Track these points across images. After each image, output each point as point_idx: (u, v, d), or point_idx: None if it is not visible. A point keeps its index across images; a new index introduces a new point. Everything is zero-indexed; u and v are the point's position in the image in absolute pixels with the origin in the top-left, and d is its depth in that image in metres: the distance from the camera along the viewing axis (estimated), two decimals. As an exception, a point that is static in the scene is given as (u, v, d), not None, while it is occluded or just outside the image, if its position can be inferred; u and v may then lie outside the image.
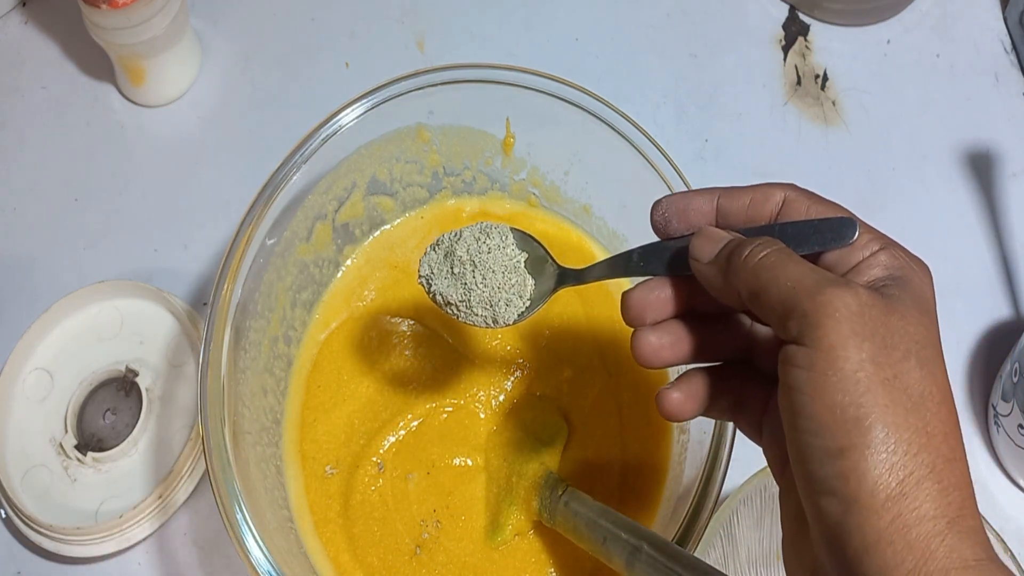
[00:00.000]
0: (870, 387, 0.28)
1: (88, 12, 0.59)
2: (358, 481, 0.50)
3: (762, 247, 0.31)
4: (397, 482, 0.50)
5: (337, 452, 0.51)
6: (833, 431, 0.28)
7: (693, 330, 0.35)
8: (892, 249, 0.32)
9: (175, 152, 0.65)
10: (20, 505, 0.51)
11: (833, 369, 0.28)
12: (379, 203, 0.55)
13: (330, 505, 0.50)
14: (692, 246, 0.34)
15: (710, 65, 0.68)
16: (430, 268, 0.40)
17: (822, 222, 0.33)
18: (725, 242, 0.33)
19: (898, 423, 0.28)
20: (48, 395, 0.56)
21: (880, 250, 0.32)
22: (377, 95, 0.50)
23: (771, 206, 0.34)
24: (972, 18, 0.69)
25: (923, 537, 0.27)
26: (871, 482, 0.27)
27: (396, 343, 0.53)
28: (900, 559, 0.27)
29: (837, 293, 0.29)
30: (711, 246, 0.33)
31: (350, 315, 0.54)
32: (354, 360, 0.53)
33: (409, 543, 0.49)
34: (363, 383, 0.53)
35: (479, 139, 0.54)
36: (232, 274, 0.46)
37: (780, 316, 0.30)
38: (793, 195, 0.34)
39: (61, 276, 0.61)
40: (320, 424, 0.52)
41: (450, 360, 0.53)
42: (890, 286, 0.31)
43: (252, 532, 0.41)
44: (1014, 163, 0.64)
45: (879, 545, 0.27)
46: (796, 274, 0.30)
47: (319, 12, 0.70)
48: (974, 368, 0.58)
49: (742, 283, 0.31)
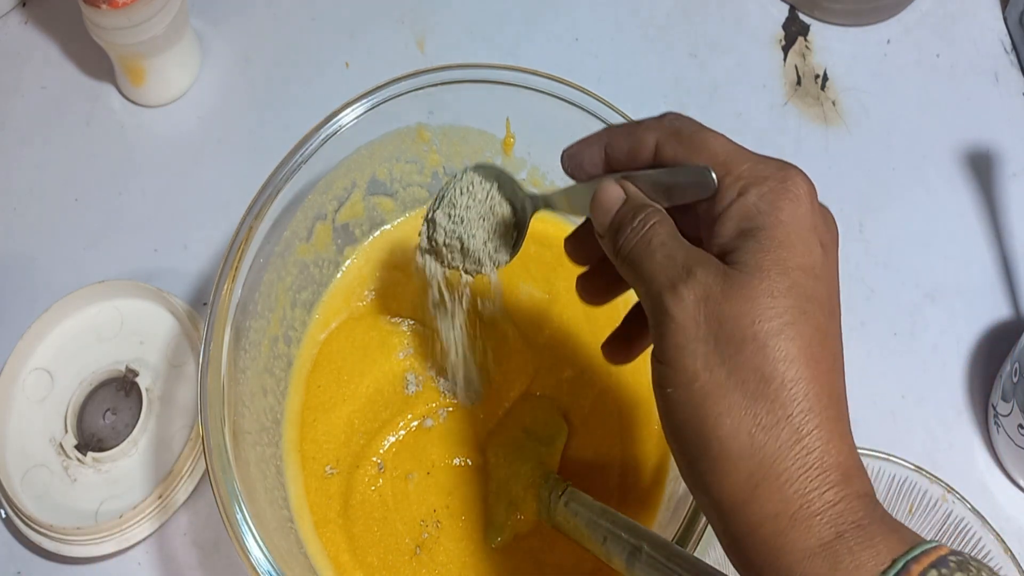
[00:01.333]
0: (705, 398, 0.28)
1: (88, 12, 0.59)
2: (358, 481, 0.50)
3: (641, 225, 0.31)
4: (397, 482, 0.50)
5: (337, 452, 0.51)
6: (686, 450, 0.29)
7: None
8: (754, 185, 0.30)
9: (175, 152, 0.65)
10: (20, 505, 0.51)
11: (675, 386, 0.29)
12: (379, 203, 0.55)
13: (330, 505, 0.50)
14: (591, 213, 0.33)
15: (710, 65, 0.68)
16: (429, 241, 0.44)
17: (681, 171, 0.31)
18: (613, 214, 0.33)
19: (734, 429, 0.28)
20: (48, 395, 0.56)
21: (739, 195, 0.30)
22: (377, 95, 0.50)
23: (647, 153, 0.33)
24: (972, 18, 0.69)
25: (768, 538, 0.28)
26: (721, 493, 0.28)
27: (396, 343, 0.53)
28: (755, 560, 0.28)
29: (674, 299, 0.29)
30: (603, 216, 0.33)
31: (350, 315, 0.54)
32: (354, 360, 0.53)
33: (409, 543, 0.49)
34: (363, 383, 0.52)
35: (479, 139, 0.54)
36: (232, 274, 0.46)
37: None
38: (663, 138, 0.33)
39: (61, 276, 0.61)
40: (320, 424, 0.51)
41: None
42: (739, 251, 0.29)
43: (252, 532, 0.41)
44: (1014, 163, 0.64)
45: (741, 543, 0.28)
46: (653, 269, 0.30)
47: (319, 12, 0.70)
48: (974, 368, 0.58)
49: (625, 275, 0.32)
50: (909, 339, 0.59)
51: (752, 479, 0.28)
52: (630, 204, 0.32)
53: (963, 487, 0.48)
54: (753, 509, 0.28)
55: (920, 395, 0.57)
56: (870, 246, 0.61)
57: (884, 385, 0.57)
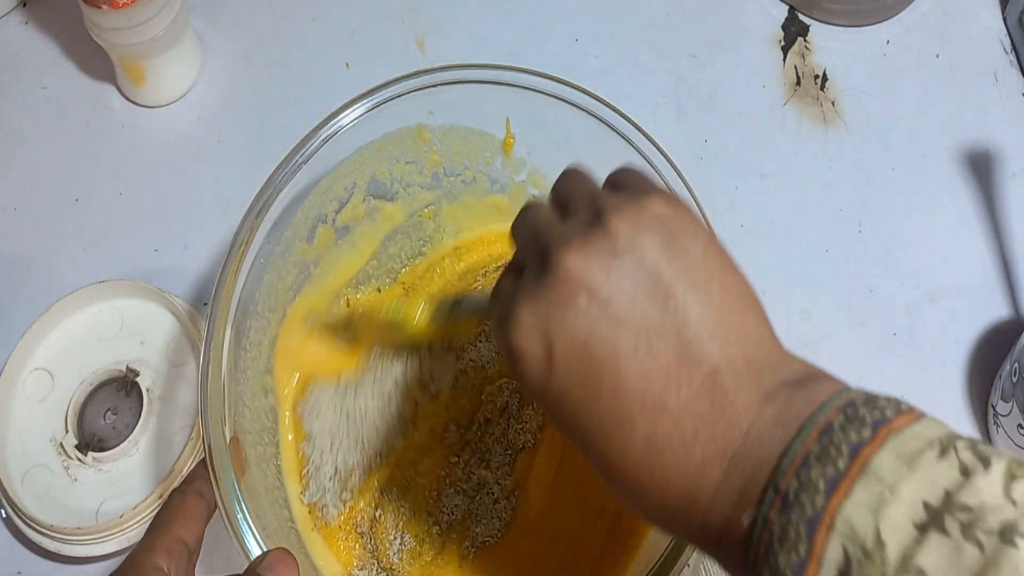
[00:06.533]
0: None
1: (88, 12, 0.59)
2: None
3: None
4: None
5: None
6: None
7: None
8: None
9: (175, 152, 0.65)
10: (20, 505, 0.51)
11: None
12: (379, 204, 0.55)
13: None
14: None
15: (710, 65, 0.68)
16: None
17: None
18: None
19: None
20: (48, 395, 0.56)
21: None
22: (377, 95, 0.50)
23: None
24: (972, 18, 0.69)
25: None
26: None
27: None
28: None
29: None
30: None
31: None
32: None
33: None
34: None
35: (479, 139, 0.54)
36: (232, 274, 0.46)
37: None
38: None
39: (61, 276, 0.61)
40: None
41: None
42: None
43: (252, 532, 0.41)
44: (1014, 163, 0.64)
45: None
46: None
47: (319, 12, 0.70)
48: (974, 368, 0.58)
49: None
50: (909, 339, 0.59)
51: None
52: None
53: (963, 487, 0.48)
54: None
55: (920, 395, 0.57)
56: (869, 246, 0.61)
57: (884, 385, 0.57)
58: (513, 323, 0.31)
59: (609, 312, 0.29)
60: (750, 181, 0.63)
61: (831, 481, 0.25)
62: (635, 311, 0.29)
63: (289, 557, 0.39)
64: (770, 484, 0.26)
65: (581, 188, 0.34)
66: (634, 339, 0.29)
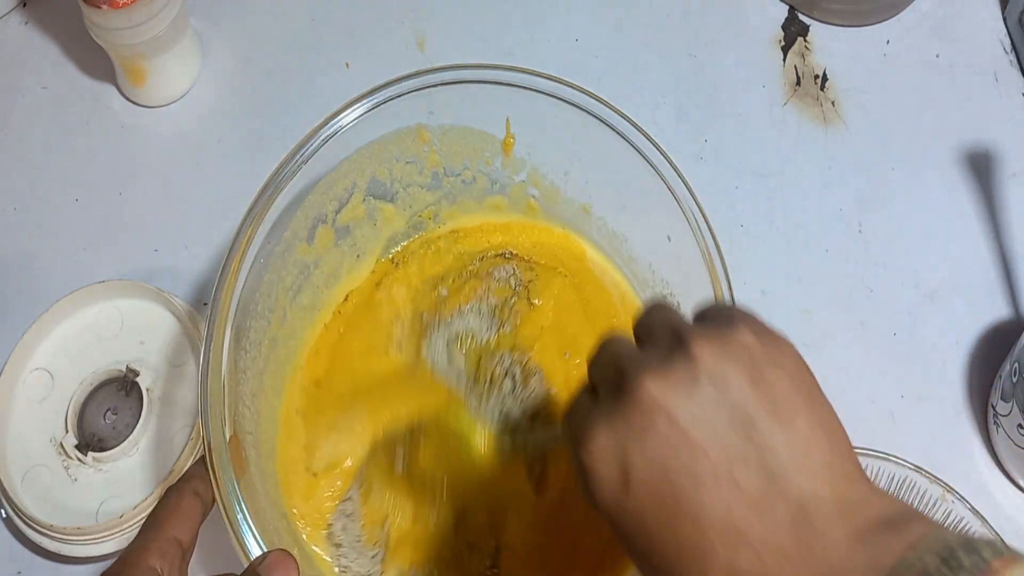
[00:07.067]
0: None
1: (88, 12, 0.59)
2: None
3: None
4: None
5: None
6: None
7: None
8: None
9: (175, 152, 0.65)
10: (20, 505, 0.51)
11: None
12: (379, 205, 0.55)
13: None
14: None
15: (710, 65, 0.68)
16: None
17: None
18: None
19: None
20: (48, 395, 0.56)
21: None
22: (377, 95, 0.50)
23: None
24: (972, 18, 0.69)
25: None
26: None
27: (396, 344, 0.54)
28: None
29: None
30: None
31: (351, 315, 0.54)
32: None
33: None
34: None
35: (479, 139, 0.54)
36: (232, 274, 0.46)
37: None
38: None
39: (61, 276, 0.61)
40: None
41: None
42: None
43: (252, 532, 0.41)
44: (1014, 163, 0.64)
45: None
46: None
47: (319, 12, 0.70)
48: (974, 368, 0.58)
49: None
50: (908, 339, 0.59)
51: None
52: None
53: (962, 487, 0.48)
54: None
55: (919, 395, 0.57)
56: (869, 246, 0.61)
57: (883, 385, 0.57)
58: (590, 444, 0.30)
59: (689, 438, 0.29)
60: (750, 181, 0.63)
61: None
62: (717, 439, 0.28)
63: (290, 559, 0.39)
64: None
65: (664, 319, 0.33)
66: (714, 467, 0.28)
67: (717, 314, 0.33)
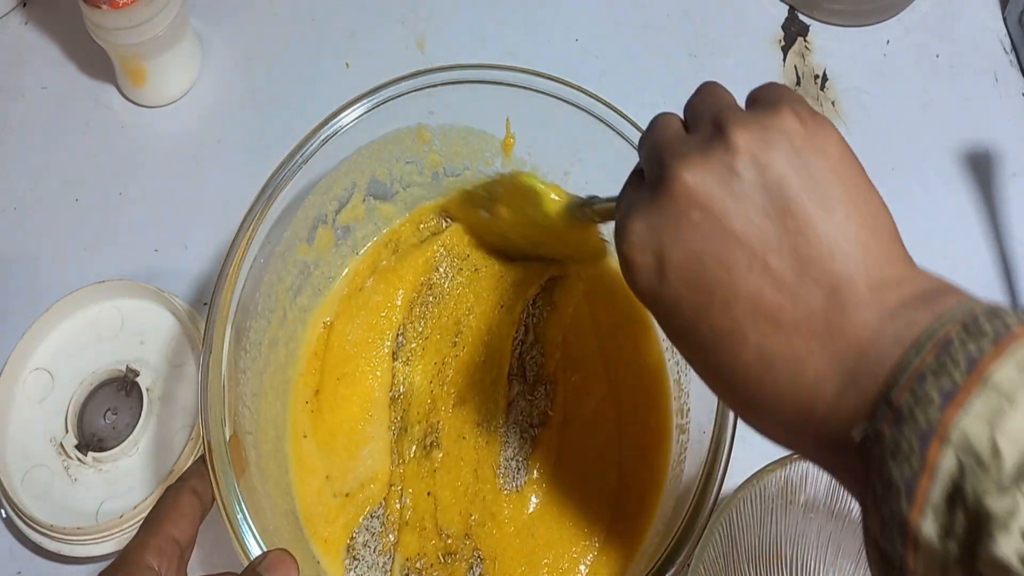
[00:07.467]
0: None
1: (88, 12, 0.59)
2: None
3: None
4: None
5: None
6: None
7: None
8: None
9: (175, 152, 0.65)
10: (20, 505, 0.51)
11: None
12: (379, 205, 0.55)
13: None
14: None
15: (710, 65, 0.68)
16: None
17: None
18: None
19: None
20: (48, 395, 0.56)
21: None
22: (377, 95, 0.50)
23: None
24: (972, 18, 0.69)
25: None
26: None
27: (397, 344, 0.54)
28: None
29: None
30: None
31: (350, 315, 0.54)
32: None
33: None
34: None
35: (479, 139, 0.54)
36: (232, 274, 0.46)
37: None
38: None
39: (61, 276, 0.61)
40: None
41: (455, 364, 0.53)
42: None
43: (252, 532, 0.41)
44: (1014, 163, 0.64)
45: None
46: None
47: (319, 12, 0.70)
48: (974, 368, 0.58)
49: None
50: (909, 339, 0.59)
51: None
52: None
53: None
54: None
55: (920, 395, 0.57)
56: (870, 246, 0.61)
57: (884, 385, 0.57)
58: (629, 235, 0.31)
59: (723, 228, 0.29)
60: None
61: (946, 394, 0.24)
62: (751, 228, 0.29)
63: (289, 558, 0.39)
64: (883, 399, 0.26)
65: (712, 101, 0.33)
66: (748, 256, 0.29)
67: (765, 96, 0.32)
